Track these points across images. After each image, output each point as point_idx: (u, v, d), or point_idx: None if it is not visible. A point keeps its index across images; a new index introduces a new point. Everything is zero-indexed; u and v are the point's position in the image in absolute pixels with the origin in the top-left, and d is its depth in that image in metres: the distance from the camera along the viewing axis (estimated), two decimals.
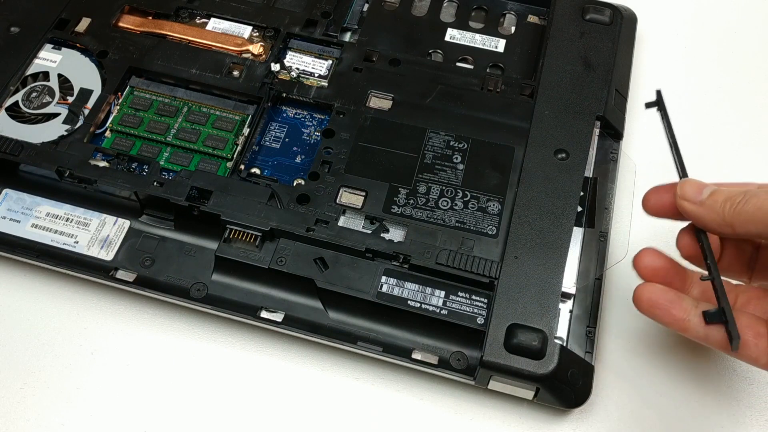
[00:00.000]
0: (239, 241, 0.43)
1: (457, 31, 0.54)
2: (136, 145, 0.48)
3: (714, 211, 0.37)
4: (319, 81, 0.51)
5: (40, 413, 0.42)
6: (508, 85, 0.49)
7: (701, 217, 0.37)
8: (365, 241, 0.43)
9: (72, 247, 0.44)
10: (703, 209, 0.37)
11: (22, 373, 0.43)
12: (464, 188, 0.45)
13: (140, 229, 0.45)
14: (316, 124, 0.50)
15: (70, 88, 0.50)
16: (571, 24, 0.51)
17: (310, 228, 0.43)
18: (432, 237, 0.43)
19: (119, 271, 0.44)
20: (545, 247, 0.42)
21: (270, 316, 0.43)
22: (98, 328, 0.45)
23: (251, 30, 0.53)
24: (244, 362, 0.44)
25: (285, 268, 0.42)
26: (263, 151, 0.48)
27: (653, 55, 0.56)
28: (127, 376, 0.43)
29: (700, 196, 0.37)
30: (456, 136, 0.47)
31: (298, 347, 0.44)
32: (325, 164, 0.46)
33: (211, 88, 0.50)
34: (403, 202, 0.44)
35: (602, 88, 0.48)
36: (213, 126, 0.49)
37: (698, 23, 0.59)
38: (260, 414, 0.42)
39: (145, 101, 0.49)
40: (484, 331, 0.40)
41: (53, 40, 0.51)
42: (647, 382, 0.44)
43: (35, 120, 0.48)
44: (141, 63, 0.50)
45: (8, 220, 0.45)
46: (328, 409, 0.43)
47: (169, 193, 0.44)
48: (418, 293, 0.42)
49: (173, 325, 0.45)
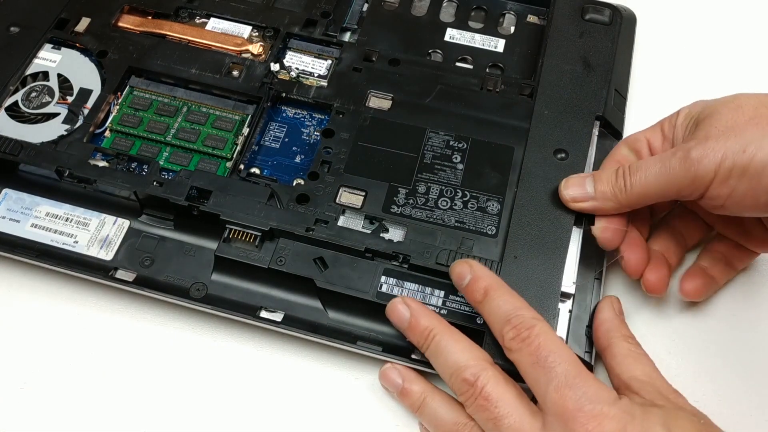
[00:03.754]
0: (239, 241, 0.43)
1: (457, 31, 0.54)
2: (136, 145, 0.48)
3: (608, 200, 0.41)
4: (319, 81, 0.51)
5: (40, 413, 0.42)
6: (508, 85, 0.49)
7: (598, 208, 0.42)
8: (365, 241, 0.43)
9: (71, 246, 0.44)
10: (597, 202, 0.42)
11: (22, 372, 0.43)
12: (464, 188, 0.45)
13: (140, 228, 0.45)
14: (315, 124, 0.50)
15: (70, 88, 0.50)
16: (571, 24, 0.51)
17: (309, 228, 0.43)
18: (431, 237, 0.43)
19: (119, 271, 0.44)
20: (544, 247, 0.42)
21: (269, 315, 0.43)
22: (98, 327, 0.45)
23: (251, 30, 0.53)
24: (243, 362, 0.44)
25: (284, 268, 0.42)
26: (263, 150, 0.48)
27: (653, 55, 0.56)
28: (126, 375, 0.43)
29: (585, 190, 0.42)
30: (455, 135, 0.47)
31: (298, 347, 0.44)
32: (325, 164, 0.46)
33: (210, 87, 0.50)
34: (402, 201, 0.44)
35: (602, 88, 0.48)
36: (212, 126, 0.49)
37: (698, 23, 0.59)
38: (260, 413, 0.42)
39: (144, 101, 0.49)
40: (483, 331, 0.40)
41: (53, 40, 0.51)
42: None
43: (35, 120, 0.48)
44: (141, 63, 0.50)
45: (8, 220, 0.45)
46: (328, 409, 0.43)
47: (169, 192, 0.44)
48: (417, 293, 0.42)
49: (173, 325, 0.45)
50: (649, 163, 0.40)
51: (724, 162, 0.37)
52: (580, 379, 0.35)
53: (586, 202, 0.42)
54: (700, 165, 0.37)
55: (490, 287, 0.38)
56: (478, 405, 0.36)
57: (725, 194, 0.38)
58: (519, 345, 0.36)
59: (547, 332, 0.36)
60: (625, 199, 0.41)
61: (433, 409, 0.39)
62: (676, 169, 0.38)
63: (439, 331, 0.39)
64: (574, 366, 0.35)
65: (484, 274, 0.39)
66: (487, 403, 0.36)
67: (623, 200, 0.41)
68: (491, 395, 0.36)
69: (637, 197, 0.40)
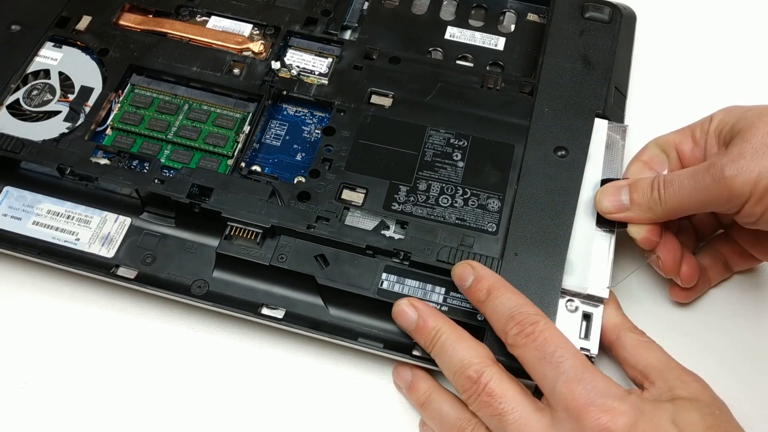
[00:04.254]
0: (240, 238, 0.43)
1: (457, 29, 0.54)
2: (137, 143, 0.48)
3: (644, 211, 0.41)
4: (320, 79, 0.51)
5: (40, 413, 0.42)
6: (508, 83, 0.50)
7: (634, 219, 0.42)
8: (366, 238, 0.43)
9: (73, 244, 0.44)
10: (632, 213, 0.41)
11: (23, 372, 0.43)
12: (464, 185, 0.45)
13: (141, 226, 0.45)
14: (316, 122, 0.50)
15: (71, 86, 0.50)
16: (571, 22, 0.51)
17: (310, 225, 0.43)
18: (432, 234, 0.43)
19: (120, 268, 0.44)
20: (545, 244, 0.42)
21: (271, 312, 0.43)
22: (99, 326, 0.45)
23: (252, 28, 0.53)
24: (245, 359, 0.44)
25: (286, 265, 0.42)
26: (264, 148, 0.49)
27: (652, 53, 0.56)
28: (127, 374, 0.43)
29: (621, 200, 0.42)
30: (456, 133, 0.47)
31: (299, 344, 0.44)
32: (326, 162, 0.46)
33: (211, 86, 0.50)
34: (403, 199, 0.45)
35: (601, 85, 0.49)
36: (214, 124, 0.49)
37: (697, 21, 0.59)
38: (261, 410, 0.42)
39: (145, 99, 0.50)
40: (484, 328, 0.40)
41: (54, 38, 0.52)
42: None
43: (36, 118, 0.49)
44: (142, 61, 0.50)
45: (9, 218, 0.45)
46: (328, 408, 0.43)
47: (170, 190, 0.44)
48: (418, 290, 0.42)
49: (174, 322, 0.45)
50: (683, 178, 0.39)
51: (759, 181, 0.36)
52: (589, 373, 0.35)
53: (622, 213, 0.42)
54: (735, 184, 0.37)
55: (493, 286, 0.39)
56: (481, 401, 0.36)
57: (759, 212, 0.37)
58: (524, 341, 0.36)
59: (551, 327, 0.37)
60: (661, 212, 0.40)
61: (438, 404, 0.40)
62: (709, 186, 0.38)
63: (445, 331, 0.39)
64: (581, 361, 0.35)
65: (486, 274, 0.39)
66: (491, 399, 0.36)
67: (659, 213, 0.40)
68: (495, 391, 0.36)
69: (672, 210, 0.40)
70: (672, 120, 0.46)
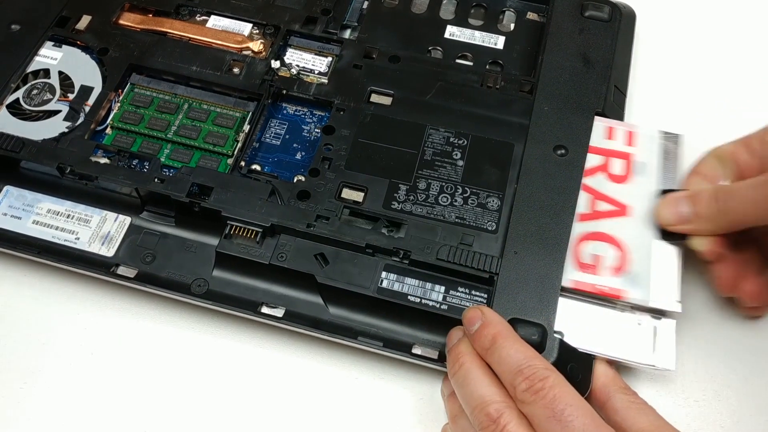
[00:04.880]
0: (240, 237, 0.43)
1: (457, 28, 0.54)
2: (137, 142, 0.48)
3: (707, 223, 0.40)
4: (319, 78, 0.51)
5: (40, 413, 0.42)
6: (508, 82, 0.50)
7: (696, 231, 0.41)
8: (365, 237, 0.43)
9: (73, 243, 0.45)
10: (694, 225, 0.41)
11: (23, 372, 0.43)
12: (464, 184, 0.45)
13: (141, 225, 0.45)
14: (316, 121, 0.50)
15: (71, 86, 0.50)
16: (570, 21, 0.51)
17: (310, 224, 0.43)
18: (432, 233, 0.43)
19: (120, 267, 0.44)
20: (545, 242, 0.42)
21: (271, 311, 0.43)
22: (99, 324, 0.45)
23: (251, 27, 0.53)
24: (245, 357, 0.44)
25: (286, 264, 0.42)
26: (264, 147, 0.49)
27: (652, 52, 0.56)
28: (127, 373, 0.43)
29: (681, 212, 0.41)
30: (456, 132, 0.47)
31: (299, 342, 0.44)
32: (326, 161, 0.46)
33: (211, 85, 0.50)
34: (403, 198, 0.45)
35: (601, 84, 0.49)
36: (213, 123, 0.49)
37: (697, 20, 0.59)
38: (261, 409, 0.42)
39: (145, 98, 0.50)
40: None
41: (54, 38, 0.52)
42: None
43: (36, 117, 0.49)
44: (141, 60, 0.50)
45: (9, 217, 0.45)
46: (329, 404, 0.43)
47: (170, 189, 0.44)
48: (418, 288, 0.42)
49: (174, 321, 0.45)
50: (746, 189, 0.38)
51: None
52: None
53: (684, 225, 0.41)
54: None
55: (498, 334, 0.37)
56: None
57: None
58: (533, 397, 0.35)
59: (561, 384, 0.35)
60: (724, 223, 0.40)
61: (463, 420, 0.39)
62: None
63: (473, 360, 0.38)
64: (592, 419, 0.34)
65: (494, 320, 0.38)
66: None
67: (722, 224, 0.40)
68: None
69: (736, 222, 0.39)
70: (672, 119, 0.46)
